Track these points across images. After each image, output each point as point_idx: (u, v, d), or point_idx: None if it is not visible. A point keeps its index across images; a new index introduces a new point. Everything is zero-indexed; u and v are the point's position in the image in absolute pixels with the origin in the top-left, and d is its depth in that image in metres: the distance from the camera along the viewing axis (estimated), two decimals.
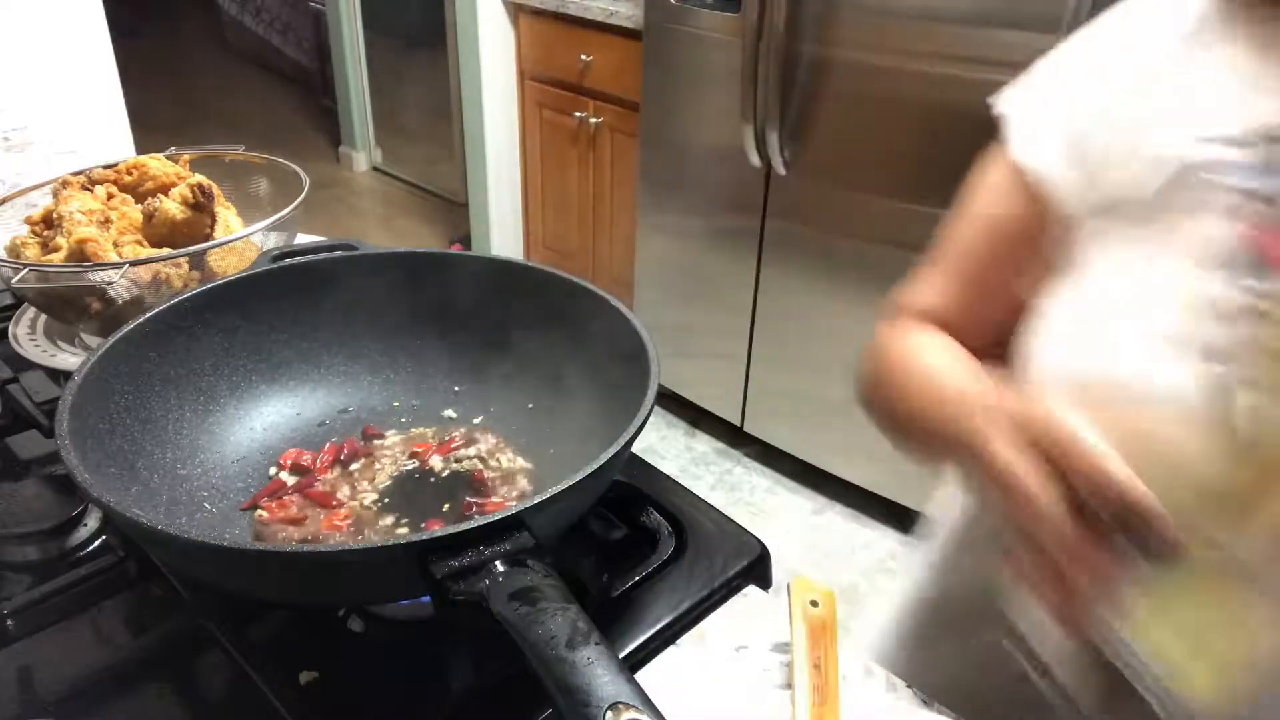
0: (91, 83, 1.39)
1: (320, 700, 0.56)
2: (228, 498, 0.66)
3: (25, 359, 0.83)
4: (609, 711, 0.38)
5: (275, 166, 1.00)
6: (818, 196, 2.05)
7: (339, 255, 0.76)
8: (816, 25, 1.91)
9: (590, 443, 0.68)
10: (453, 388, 0.76)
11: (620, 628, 0.61)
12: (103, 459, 0.58)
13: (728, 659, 0.62)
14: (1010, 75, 0.73)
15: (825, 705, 0.57)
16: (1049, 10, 1.60)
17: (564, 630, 0.42)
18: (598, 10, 2.43)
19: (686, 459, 2.48)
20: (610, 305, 0.68)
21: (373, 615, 0.62)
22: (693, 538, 0.69)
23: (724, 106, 2.11)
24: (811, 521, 2.24)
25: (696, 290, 2.40)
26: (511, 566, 0.46)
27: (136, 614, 0.64)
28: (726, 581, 0.66)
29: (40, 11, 1.31)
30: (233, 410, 0.71)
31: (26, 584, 0.65)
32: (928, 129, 1.83)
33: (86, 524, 0.71)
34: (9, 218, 0.91)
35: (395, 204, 4.16)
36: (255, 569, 0.51)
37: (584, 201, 2.78)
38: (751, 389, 2.37)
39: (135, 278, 0.82)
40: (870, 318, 0.74)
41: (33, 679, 0.59)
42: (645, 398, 0.58)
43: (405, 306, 0.76)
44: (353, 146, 4.38)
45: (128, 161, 0.92)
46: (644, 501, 0.71)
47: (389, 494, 0.67)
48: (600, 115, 2.58)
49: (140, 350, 0.65)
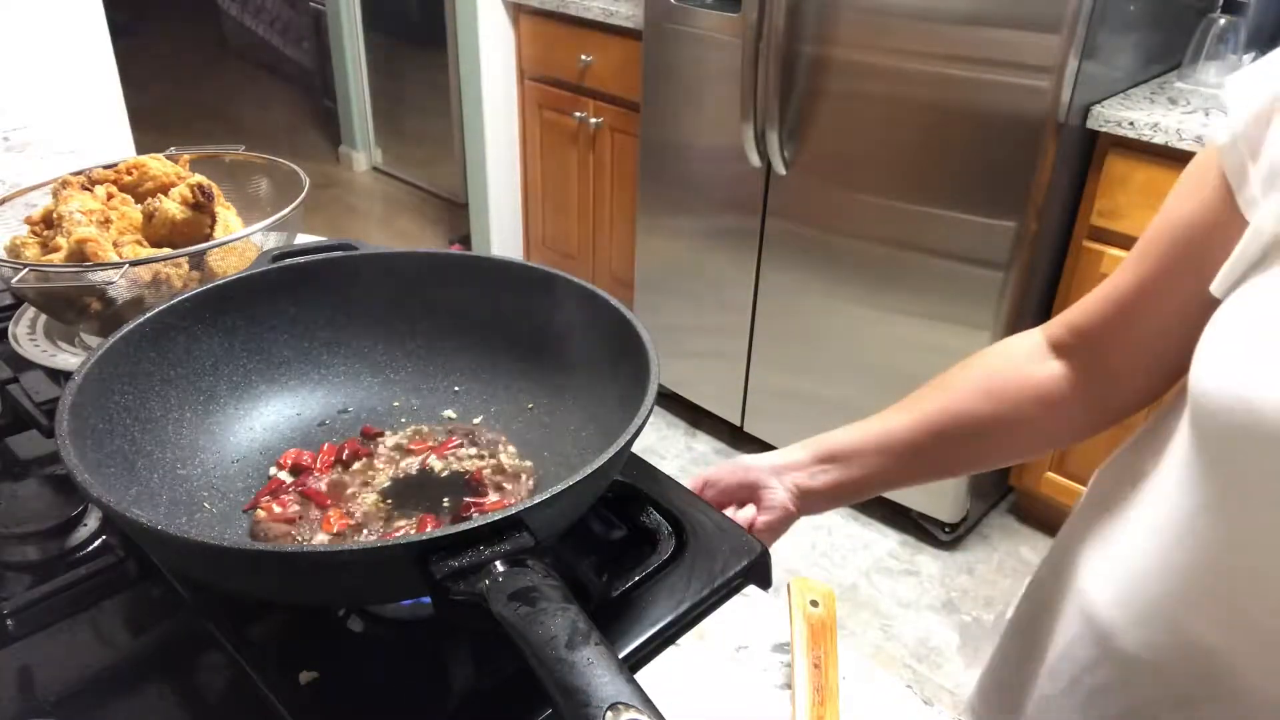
0: (91, 83, 1.39)
1: (320, 700, 0.56)
2: (228, 498, 0.66)
3: (25, 359, 0.83)
4: (609, 712, 0.38)
5: (275, 166, 1.00)
6: (818, 196, 2.05)
7: (339, 255, 0.76)
8: (816, 25, 1.91)
9: (590, 443, 0.68)
10: (453, 388, 0.76)
11: (620, 628, 0.61)
12: (102, 459, 0.58)
13: (728, 659, 0.62)
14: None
15: (825, 705, 0.57)
16: (1049, 10, 1.60)
17: (564, 630, 0.42)
18: (598, 10, 2.43)
19: (686, 459, 2.48)
20: (610, 305, 0.68)
21: (373, 615, 0.62)
22: (693, 538, 0.69)
23: (724, 106, 2.11)
24: (811, 521, 2.24)
25: (696, 290, 2.40)
26: (511, 566, 0.46)
27: (136, 614, 0.64)
28: (726, 581, 0.66)
29: (40, 11, 1.31)
30: (233, 410, 0.71)
31: (26, 584, 0.65)
32: (927, 129, 1.83)
33: (86, 524, 0.71)
34: (9, 218, 0.91)
35: (395, 204, 4.16)
36: (255, 569, 0.51)
37: (584, 201, 2.78)
38: (751, 389, 2.37)
39: (135, 278, 0.82)
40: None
41: (33, 679, 0.59)
42: (645, 398, 0.58)
43: (405, 306, 0.76)
44: (353, 146, 4.38)
45: (128, 161, 0.92)
46: (644, 501, 0.71)
47: (389, 494, 0.66)
48: (600, 115, 2.58)
49: (140, 350, 0.65)
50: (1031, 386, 0.71)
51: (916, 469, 0.77)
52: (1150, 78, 1.92)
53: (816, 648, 0.60)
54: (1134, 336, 0.66)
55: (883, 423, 0.76)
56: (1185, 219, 0.61)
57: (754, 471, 0.79)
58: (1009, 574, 2.14)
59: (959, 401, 0.73)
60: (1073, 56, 1.63)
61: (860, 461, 0.76)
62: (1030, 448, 0.78)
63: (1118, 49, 1.78)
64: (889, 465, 0.75)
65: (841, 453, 0.76)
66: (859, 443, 0.76)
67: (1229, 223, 0.57)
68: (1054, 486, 2.07)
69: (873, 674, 0.62)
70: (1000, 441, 0.75)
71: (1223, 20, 1.83)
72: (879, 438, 0.75)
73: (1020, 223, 1.78)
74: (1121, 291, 0.66)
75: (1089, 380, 0.70)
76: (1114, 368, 0.68)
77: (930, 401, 0.75)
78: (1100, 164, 1.79)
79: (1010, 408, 0.72)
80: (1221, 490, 0.56)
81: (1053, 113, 1.67)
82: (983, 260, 1.85)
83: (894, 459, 0.75)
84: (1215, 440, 0.56)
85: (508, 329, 0.75)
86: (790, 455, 0.79)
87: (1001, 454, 0.78)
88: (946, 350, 1.94)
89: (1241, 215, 0.56)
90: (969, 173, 1.81)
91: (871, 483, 0.77)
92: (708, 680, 0.61)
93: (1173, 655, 0.60)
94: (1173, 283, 0.62)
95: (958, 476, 1.91)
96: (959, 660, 1.93)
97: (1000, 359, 0.74)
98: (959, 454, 0.76)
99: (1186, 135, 1.64)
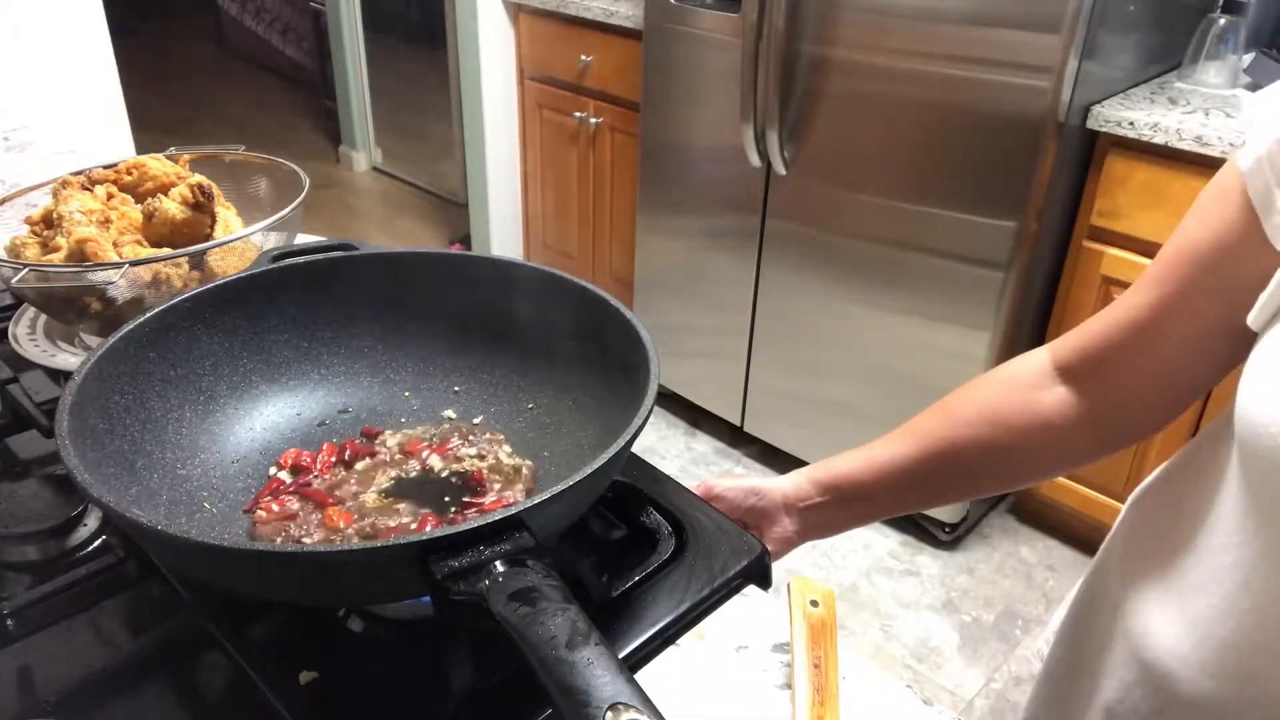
0: (91, 83, 1.39)
1: (320, 700, 0.56)
2: (227, 498, 0.66)
3: (25, 359, 0.83)
4: (609, 712, 0.38)
5: (275, 166, 1.00)
6: (817, 196, 2.05)
7: (339, 255, 0.76)
8: (816, 25, 1.91)
9: (590, 443, 0.68)
10: (453, 388, 0.76)
11: (620, 628, 0.61)
12: (102, 459, 0.58)
13: (728, 659, 0.62)
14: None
15: (825, 705, 0.57)
16: (1049, 10, 1.60)
17: (564, 631, 0.42)
18: (598, 10, 2.43)
19: (686, 459, 2.48)
20: (610, 305, 0.68)
21: (373, 615, 0.62)
22: (693, 538, 0.69)
23: (724, 106, 2.11)
24: None
25: (696, 290, 2.40)
26: (511, 566, 0.46)
27: (136, 614, 0.64)
28: (726, 581, 0.66)
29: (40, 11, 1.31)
30: (233, 410, 0.71)
31: (26, 584, 0.65)
32: (927, 129, 1.83)
33: (86, 524, 0.71)
34: (9, 218, 0.91)
35: (395, 204, 4.15)
36: (255, 569, 0.51)
37: (584, 201, 2.78)
38: (751, 389, 2.37)
39: (135, 278, 0.82)
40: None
41: (33, 679, 0.59)
42: (645, 398, 0.58)
43: (405, 306, 0.76)
44: (353, 146, 4.38)
45: (128, 161, 0.92)
46: (644, 501, 0.71)
47: (388, 494, 0.66)
48: (600, 115, 2.58)
49: (140, 350, 0.65)
50: (1038, 414, 0.69)
51: (921, 498, 0.77)
52: (1150, 78, 1.92)
53: (816, 648, 0.60)
54: (1147, 363, 0.64)
55: (889, 452, 0.74)
56: (1208, 243, 0.59)
57: (764, 501, 0.78)
58: (1009, 574, 2.14)
59: (963, 430, 0.72)
60: (1073, 56, 1.63)
61: (865, 493, 0.75)
62: (1036, 474, 0.76)
63: (1118, 49, 1.78)
64: (894, 496, 0.75)
65: (848, 485, 0.75)
66: (864, 474, 0.75)
67: (1257, 249, 0.55)
68: (1054, 487, 2.07)
69: (873, 674, 0.62)
70: (1006, 470, 0.73)
71: (1223, 20, 1.83)
72: (885, 470, 0.74)
73: (1020, 223, 1.78)
74: (1135, 315, 0.63)
75: (1097, 407, 0.67)
76: (1124, 395, 0.66)
77: (935, 430, 0.73)
78: (1100, 164, 1.79)
79: (1016, 437, 0.70)
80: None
81: (1053, 113, 1.67)
82: (983, 260, 1.85)
83: (899, 490, 0.74)
84: (1270, 481, 0.53)
85: (507, 329, 0.75)
86: (799, 488, 0.77)
87: (1007, 481, 0.78)
88: (946, 350, 1.94)
89: (1270, 243, 0.54)
90: (969, 173, 1.81)
91: (875, 513, 0.78)
92: (708, 680, 0.61)
93: (1243, 706, 0.57)
94: (1193, 309, 0.60)
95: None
96: (959, 660, 1.93)
97: (1005, 385, 0.72)
98: (963, 483, 0.75)
99: (1186, 135, 1.64)
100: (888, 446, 0.75)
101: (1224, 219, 0.57)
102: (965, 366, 1.92)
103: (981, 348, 1.90)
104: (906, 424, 0.75)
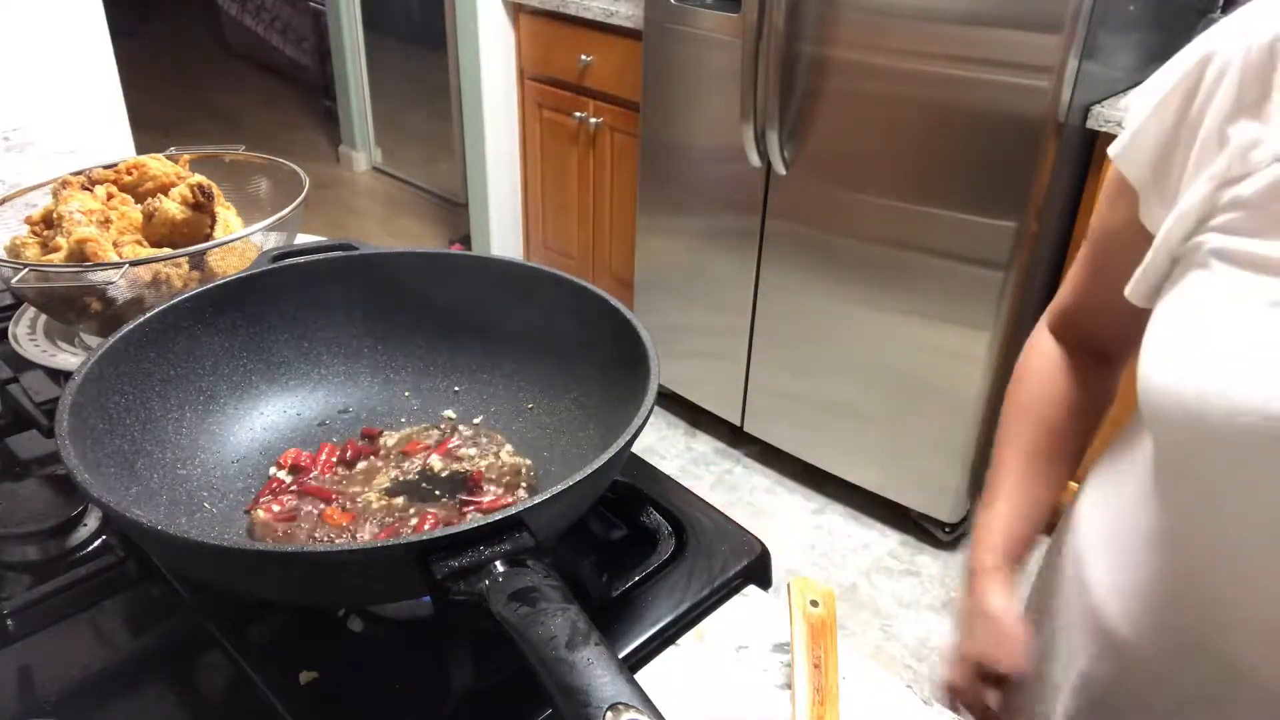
0: (91, 83, 1.39)
1: (320, 700, 0.56)
2: (227, 498, 0.66)
3: (25, 359, 0.83)
4: (609, 712, 0.38)
5: (275, 166, 1.00)
6: (817, 196, 2.05)
7: (339, 255, 0.76)
8: (816, 25, 1.91)
9: (590, 443, 0.68)
10: (453, 388, 0.76)
11: (620, 628, 0.61)
12: (102, 459, 0.58)
13: (728, 659, 0.62)
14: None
15: (825, 705, 0.57)
16: (1049, 10, 1.60)
17: (564, 631, 0.42)
18: (598, 10, 2.42)
19: (686, 459, 2.48)
20: (610, 305, 0.68)
21: (373, 615, 0.62)
22: (693, 538, 0.69)
23: (724, 106, 2.11)
24: (811, 521, 2.24)
25: (696, 290, 2.40)
26: (511, 567, 0.46)
27: (136, 614, 0.64)
28: (726, 581, 0.66)
29: (40, 11, 1.31)
30: (233, 410, 0.71)
31: (26, 584, 0.65)
32: (927, 129, 1.83)
33: (86, 524, 0.71)
34: (9, 218, 0.91)
35: (395, 204, 4.15)
36: (255, 569, 0.51)
37: (584, 201, 2.78)
38: (751, 389, 2.37)
39: (135, 278, 0.82)
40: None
41: (33, 679, 0.59)
42: (645, 398, 0.58)
43: (405, 306, 0.76)
44: (353, 146, 4.38)
45: (128, 161, 0.92)
46: (644, 501, 0.71)
47: (389, 494, 0.67)
48: (600, 115, 2.58)
49: (140, 350, 0.65)
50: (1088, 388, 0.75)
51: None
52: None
53: (816, 648, 0.60)
54: (1108, 320, 0.70)
55: (1034, 498, 0.76)
56: (1102, 226, 0.68)
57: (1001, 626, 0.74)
58: None
59: (1071, 441, 0.76)
60: (1073, 56, 1.63)
61: (1031, 538, 0.76)
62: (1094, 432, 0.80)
63: (1118, 49, 1.78)
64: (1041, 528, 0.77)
65: (1023, 547, 0.75)
66: (1030, 531, 0.75)
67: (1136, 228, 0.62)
68: None
69: (873, 674, 0.62)
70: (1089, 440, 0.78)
71: None
72: (1038, 515, 0.76)
73: (1020, 223, 1.78)
74: (1083, 280, 0.73)
75: (1090, 360, 0.75)
76: (1103, 346, 0.74)
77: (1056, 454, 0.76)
78: (1100, 164, 1.79)
79: (1092, 419, 0.76)
80: (1193, 498, 0.58)
81: (1053, 113, 1.67)
82: (983, 260, 1.85)
83: (1042, 521, 0.76)
84: (1170, 443, 0.58)
85: (507, 329, 0.75)
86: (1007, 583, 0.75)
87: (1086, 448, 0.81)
88: (946, 350, 1.94)
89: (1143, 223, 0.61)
90: (969, 173, 1.81)
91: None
92: (708, 680, 0.61)
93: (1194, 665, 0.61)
94: (1109, 281, 0.66)
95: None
96: None
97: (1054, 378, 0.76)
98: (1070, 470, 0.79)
99: None
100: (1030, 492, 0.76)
101: (1114, 203, 0.66)
102: (965, 366, 1.92)
103: (981, 348, 1.90)
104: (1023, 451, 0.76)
